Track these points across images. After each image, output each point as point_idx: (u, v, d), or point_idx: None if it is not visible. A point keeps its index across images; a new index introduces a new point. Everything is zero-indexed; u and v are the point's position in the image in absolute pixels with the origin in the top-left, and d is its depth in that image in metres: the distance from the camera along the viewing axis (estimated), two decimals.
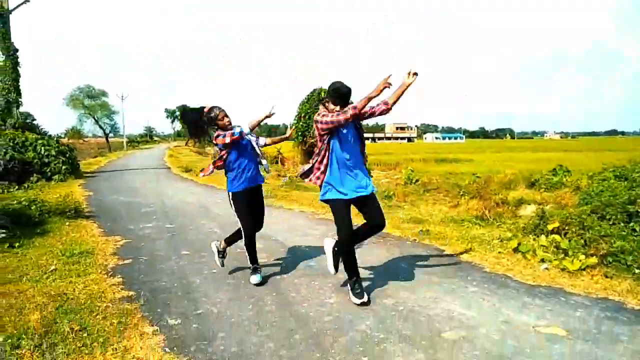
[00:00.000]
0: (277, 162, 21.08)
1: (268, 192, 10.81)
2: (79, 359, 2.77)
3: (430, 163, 24.03)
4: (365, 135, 4.08)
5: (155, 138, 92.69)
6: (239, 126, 4.08)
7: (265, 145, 4.46)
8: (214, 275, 4.50)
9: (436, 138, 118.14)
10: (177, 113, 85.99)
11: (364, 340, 3.02)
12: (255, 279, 4.18)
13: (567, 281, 4.13)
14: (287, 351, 2.87)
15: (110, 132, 52.55)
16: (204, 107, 4.21)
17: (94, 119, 48.95)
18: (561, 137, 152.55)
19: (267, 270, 4.53)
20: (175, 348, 2.92)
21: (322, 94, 17.19)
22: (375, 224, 3.79)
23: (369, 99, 3.39)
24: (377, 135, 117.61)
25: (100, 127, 50.54)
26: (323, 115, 3.52)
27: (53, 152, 15.29)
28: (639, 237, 4.80)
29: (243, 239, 4.26)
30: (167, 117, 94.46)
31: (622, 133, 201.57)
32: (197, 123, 4.23)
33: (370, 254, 5.23)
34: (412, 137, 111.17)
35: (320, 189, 3.75)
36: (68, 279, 4.35)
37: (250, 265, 4.28)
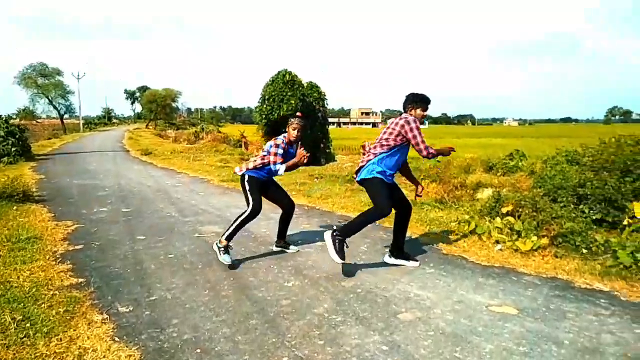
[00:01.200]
0: (240, 146, 20.80)
1: (231, 175, 10.65)
2: (20, 350, 2.62)
3: None
4: (331, 120, 4.40)
5: (114, 120, 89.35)
6: (281, 165, 4.16)
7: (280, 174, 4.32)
8: (170, 260, 4.37)
9: None
10: (137, 94, 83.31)
11: (320, 323, 3.00)
12: (228, 259, 4.10)
13: (519, 261, 4.25)
14: (242, 336, 2.82)
15: (65, 113, 50.15)
16: (300, 112, 4.57)
17: (48, 99, 46.53)
18: (519, 124, 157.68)
19: None
20: (125, 337, 2.82)
21: (287, 76, 16.98)
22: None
23: (440, 153, 4.02)
24: (342, 120, 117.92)
25: (55, 107, 48.14)
26: (414, 126, 3.88)
27: (2, 133, 14.47)
28: (587, 219, 5.01)
29: (244, 215, 4.14)
30: (127, 98, 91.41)
31: (576, 120, 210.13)
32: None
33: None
34: (377, 123, 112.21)
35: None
36: (13, 266, 4.11)
37: (224, 241, 4.14)
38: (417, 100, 3.99)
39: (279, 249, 4.65)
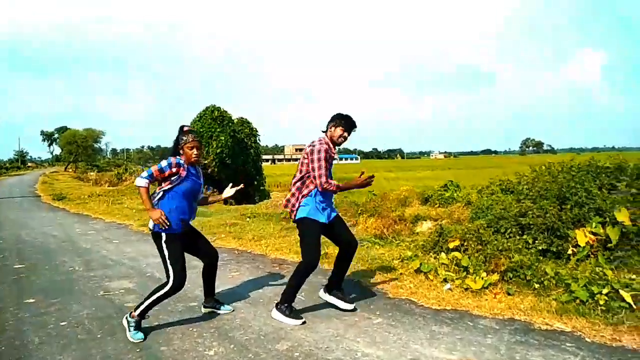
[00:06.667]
0: None
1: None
2: None
3: None
4: (265, 157, 3.86)
5: (30, 164, 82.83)
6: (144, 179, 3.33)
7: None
8: (62, 330, 3.50)
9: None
10: (56, 135, 78.35)
11: None
12: (139, 336, 3.26)
13: (471, 302, 3.86)
14: None
15: None
16: (185, 125, 3.51)
17: None
18: (445, 157, 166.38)
19: None
20: None
21: (216, 112, 16.34)
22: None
23: (348, 187, 3.60)
24: (276, 157, 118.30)
25: None
26: (316, 157, 3.48)
27: None
28: (533, 250, 4.78)
29: (163, 290, 3.30)
30: (44, 140, 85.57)
31: (495, 152, 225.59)
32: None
33: (264, 284, 4.59)
34: None
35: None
36: None
37: (138, 317, 3.32)
38: (339, 118, 3.61)
39: (208, 309, 3.81)
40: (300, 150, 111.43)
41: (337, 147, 3.70)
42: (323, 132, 3.68)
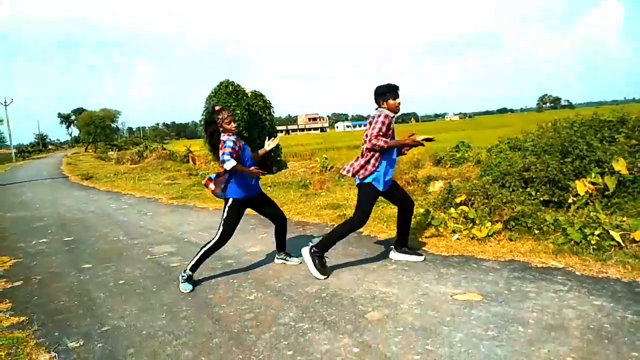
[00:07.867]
0: (187, 162, 20.23)
1: (180, 192, 10.34)
2: None
3: (343, 151, 24.46)
4: (278, 127, 4.25)
5: (50, 146, 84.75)
6: (231, 159, 3.69)
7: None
8: (121, 287, 4.09)
9: (347, 127, 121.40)
10: (73, 117, 79.63)
11: (288, 333, 2.89)
12: (188, 287, 3.83)
13: (477, 248, 4.33)
14: (206, 357, 2.66)
15: None
16: (216, 105, 3.96)
17: None
18: (460, 118, 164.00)
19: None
20: None
21: (230, 86, 16.70)
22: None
23: (397, 144, 3.82)
24: (290, 127, 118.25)
25: None
26: (380, 120, 3.74)
27: None
28: (535, 201, 5.18)
29: (209, 244, 3.88)
30: (61, 122, 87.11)
31: (511, 110, 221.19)
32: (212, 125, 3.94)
33: (291, 244, 5.11)
34: (325, 127, 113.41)
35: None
36: None
37: (190, 272, 3.89)
38: (384, 92, 3.84)
39: (280, 261, 4.39)
40: (314, 119, 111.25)
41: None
42: (376, 108, 3.88)
